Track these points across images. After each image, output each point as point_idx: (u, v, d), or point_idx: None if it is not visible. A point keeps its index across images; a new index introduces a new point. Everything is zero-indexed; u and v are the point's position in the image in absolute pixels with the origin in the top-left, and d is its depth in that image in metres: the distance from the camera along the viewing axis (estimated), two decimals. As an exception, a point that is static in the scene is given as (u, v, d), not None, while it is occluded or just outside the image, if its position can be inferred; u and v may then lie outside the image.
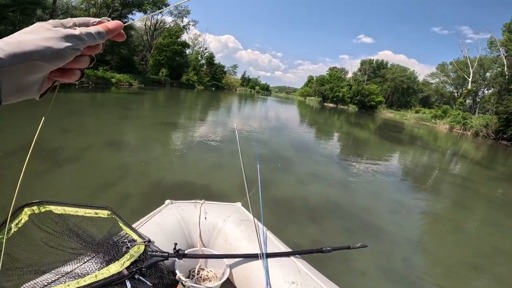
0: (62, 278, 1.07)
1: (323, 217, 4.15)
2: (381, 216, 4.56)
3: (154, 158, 5.63)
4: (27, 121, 7.51)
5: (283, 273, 1.40)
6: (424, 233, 4.42)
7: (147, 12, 33.36)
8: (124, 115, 10.76)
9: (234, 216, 1.76)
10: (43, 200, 1.15)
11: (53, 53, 0.31)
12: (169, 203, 1.78)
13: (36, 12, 21.51)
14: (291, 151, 8.48)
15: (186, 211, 1.73)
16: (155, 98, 20.99)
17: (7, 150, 4.80)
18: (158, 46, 39.58)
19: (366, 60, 65.98)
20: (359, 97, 56.27)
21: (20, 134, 5.99)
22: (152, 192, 3.99)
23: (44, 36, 0.32)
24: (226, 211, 1.81)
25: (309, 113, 30.92)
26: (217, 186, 4.57)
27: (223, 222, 1.72)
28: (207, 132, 9.33)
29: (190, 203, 1.82)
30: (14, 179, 3.82)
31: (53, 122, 7.72)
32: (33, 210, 1.11)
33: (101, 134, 7.06)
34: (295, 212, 4.07)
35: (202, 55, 58.60)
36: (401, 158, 11.05)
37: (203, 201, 1.85)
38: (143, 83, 32.00)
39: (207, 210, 1.77)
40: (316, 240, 3.41)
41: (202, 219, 1.70)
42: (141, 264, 1.18)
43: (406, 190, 6.48)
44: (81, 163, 4.77)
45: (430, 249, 3.81)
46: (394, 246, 3.66)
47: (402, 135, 21.72)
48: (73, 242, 1.18)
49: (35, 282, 1.04)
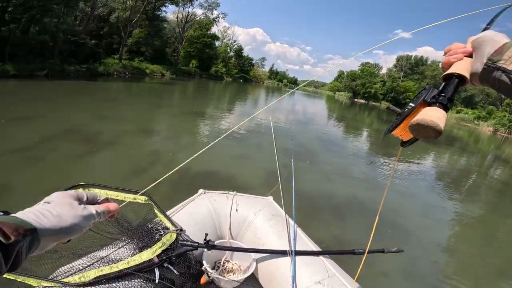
0: (97, 263, 1.10)
1: (349, 215, 4.01)
2: (410, 218, 4.33)
3: (183, 146, 5.79)
4: (68, 108, 8.09)
5: (310, 272, 1.35)
6: (455, 238, 4.15)
7: (179, 5, 34.20)
8: (156, 104, 11.18)
9: (265, 210, 1.73)
10: (88, 182, 1.19)
11: (79, 229, 0.39)
12: (202, 192, 1.79)
13: (79, 4, 22.83)
14: (319, 146, 8.26)
15: (218, 202, 1.72)
16: (185, 89, 21.56)
17: (50, 134, 5.20)
18: (189, 38, 40.47)
19: (403, 56, 61.93)
20: (393, 94, 53.25)
21: (61, 120, 6.47)
22: (179, 179, 4.10)
23: (75, 213, 0.39)
24: (257, 204, 1.78)
25: (338, 109, 29.92)
26: (244, 177, 4.58)
27: (254, 216, 1.69)
28: (235, 123, 9.40)
29: (223, 194, 1.81)
30: (54, 161, 4.14)
31: (93, 109, 8.24)
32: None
33: (135, 121, 7.39)
34: (320, 209, 3.96)
35: (231, 48, 58.93)
36: (436, 159, 10.33)
37: (235, 192, 1.83)
38: (175, 74, 33.03)
39: (238, 202, 1.75)
40: (340, 238, 3.30)
41: (233, 211, 1.69)
42: (171, 253, 1.19)
43: (439, 193, 6.06)
44: (116, 148, 5.04)
45: (460, 254, 3.59)
46: (422, 249, 3.48)
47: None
48: (111, 227, 1.22)
49: (71, 266, 1.07)
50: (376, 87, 54.89)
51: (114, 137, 5.58)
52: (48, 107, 7.74)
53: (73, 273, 1.05)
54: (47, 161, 4.07)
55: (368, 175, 6.18)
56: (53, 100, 9.18)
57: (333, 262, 1.47)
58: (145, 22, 31.71)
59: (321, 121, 15.44)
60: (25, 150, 4.30)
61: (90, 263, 1.11)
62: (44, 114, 6.74)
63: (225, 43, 57.77)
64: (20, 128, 5.41)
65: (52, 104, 8.40)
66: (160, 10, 33.28)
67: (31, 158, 4.06)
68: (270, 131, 8.55)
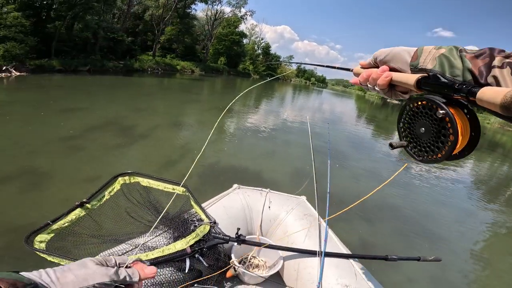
0: (135, 250, 1.16)
1: (378, 219, 3.86)
2: (446, 225, 4.07)
3: (212, 140, 5.92)
4: (107, 102, 8.63)
5: (337, 274, 1.33)
6: (489, 247, 3.86)
7: (208, 2, 34.94)
8: (187, 99, 11.54)
9: (297, 209, 1.72)
10: (133, 171, 1.27)
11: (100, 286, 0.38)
12: (237, 187, 1.82)
13: (117, 2, 24.17)
14: (347, 145, 8.02)
15: (251, 198, 1.75)
16: (213, 85, 21.99)
17: (91, 125, 5.59)
18: (217, 35, 41.14)
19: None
20: (430, 94, 50.26)
21: (101, 112, 6.91)
22: (208, 173, 4.21)
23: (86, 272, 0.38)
24: (290, 203, 1.77)
25: (368, 109, 28.73)
26: (271, 174, 4.59)
27: (286, 214, 1.69)
28: (261, 120, 9.42)
29: (256, 190, 1.83)
30: (94, 151, 4.45)
31: (129, 102, 8.72)
32: (125, 180, 1.23)
33: (167, 115, 7.70)
34: (350, 210, 3.85)
35: (259, 45, 58.91)
36: (475, 165, 9.55)
37: (268, 190, 1.84)
38: (204, 71, 33.80)
39: (271, 199, 1.76)
40: (369, 242, 3.19)
41: (266, 208, 1.71)
42: (203, 244, 1.22)
43: (477, 201, 5.61)
44: (150, 140, 5.29)
45: (493, 264, 3.36)
46: (456, 258, 3.30)
47: (481, 140, 18.68)
48: (150, 215, 1.29)
49: (111, 251, 1.14)
50: (411, 86, 51.96)
51: (148, 130, 5.86)
52: (90, 100, 8.32)
53: None
54: (87, 151, 4.39)
55: (401, 179, 5.88)
56: (94, 93, 9.85)
57: (363, 267, 1.43)
58: (176, 19, 32.79)
59: (350, 121, 14.95)
60: (68, 140, 4.67)
61: (129, 249, 1.17)
62: (86, 106, 7.27)
63: (252, 41, 57.91)
64: (65, 119, 5.89)
65: (93, 97, 9.02)
66: (190, 8, 34.28)
67: (73, 148, 4.41)
68: (294, 130, 8.45)
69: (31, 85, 10.46)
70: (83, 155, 4.21)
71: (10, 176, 3.36)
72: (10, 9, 14.68)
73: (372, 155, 7.68)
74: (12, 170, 3.48)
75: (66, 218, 1.07)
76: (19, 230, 2.50)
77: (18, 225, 2.54)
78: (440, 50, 0.44)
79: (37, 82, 11.40)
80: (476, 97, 0.33)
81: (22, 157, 3.88)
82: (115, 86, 13.20)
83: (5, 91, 9.40)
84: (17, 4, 15.88)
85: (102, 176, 3.62)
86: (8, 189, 3.09)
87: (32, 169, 3.57)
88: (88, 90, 10.49)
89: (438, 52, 0.44)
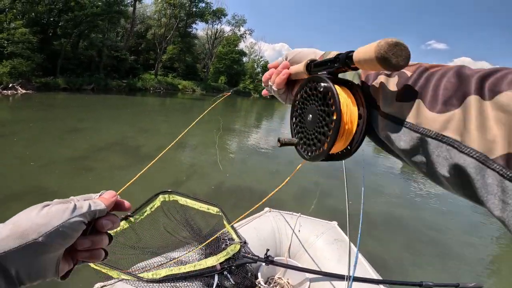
0: (169, 263, 1.24)
1: (412, 240, 3.82)
2: (482, 246, 4.08)
3: (215, 161, 5.97)
4: (112, 121, 8.74)
5: (365, 300, 1.34)
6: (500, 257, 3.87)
7: (208, 22, 36.36)
8: (189, 119, 11.69)
9: (328, 234, 1.76)
10: (173, 190, 1.37)
11: (54, 231, 0.29)
12: (268, 210, 1.89)
13: (121, 21, 25.05)
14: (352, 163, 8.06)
15: (282, 221, 1.80)
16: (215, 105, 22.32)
17: (97, 146, 5.65)
18: (218, 54, 42.32)
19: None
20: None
21: (106, 132, 7.01)
22: (214, 192, 4.22)
23: (40, 213, 0.31)
24: (320, 227, 1.82)
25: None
26: (278, 194, 4.57)
27: (315, 238, 1.73)
28: (263, 140, 9.53)
29: (287, 214, 1.89)
30: (102, 171, 4.47)
31: (133, 122, 8.84)
32: (165, 198, 1.33)
33: (171, 135, 7.79)
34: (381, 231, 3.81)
35: (258, 63, 60.39)
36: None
37: (299, 214, 1.90)
38: (205, 90, 34.44)
39: (302, 223, 1.81)
40: (400, 265, 3.13)
41: (296, 231, 1.75)
42: (232, 262, 1.28)
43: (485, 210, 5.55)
44: (156, 161, 5.32)
45: (504, 273, 3.39)
46: (497, 280, 3.27)
47: None
48: (185, 231, 1.36)
49: (148, 263, 1.21)
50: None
51: (153, 150, 5.92)
52: (95, 120, 8.44)
53: (148, 269, 1.19)
54: (96, 171, 4.42)
55: (400, 190, 5.85)
56: (99, 113, 10.00)
57: (393, 293, 1.43)
58: (177, 38, 33.84)
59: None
60: (76, 160, 4.71)
61: (164, 261, 1.25)
62: (92, 126, 7.37)
63: (252, 59, 59.31)
64: (72, 139, 5.96)
65: (98, 117, 9.15)
66: (191, 27, 35.56)
67: (81, 168, 4.44)
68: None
69: (37, 104, 10.62)
70: (91, 175, 4.24)
71: (20, 194, 3.38)
72: (18, 25, 14.91)
73: (371, 170, 7.70)
74: (22, 189, 3.50)
75: None
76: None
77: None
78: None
79: (43, 100, 11.59)
80: (353, 59, 0.30)
81: (30, 177, 3.91)
82: (119, 105, 13.40)
83: (12, 109, 9.54)
84: (25, 20, 16.27)
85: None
86: (18, 207, 3.02)
87: (41, 188, 3.59)
88: (93, 110, 10.65)
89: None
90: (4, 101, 10.83)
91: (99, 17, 18.57)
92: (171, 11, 30.57)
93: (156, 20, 32.82)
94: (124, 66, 23.90)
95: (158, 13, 31.70)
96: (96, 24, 19.31)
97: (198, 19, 34.47)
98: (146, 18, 34.00)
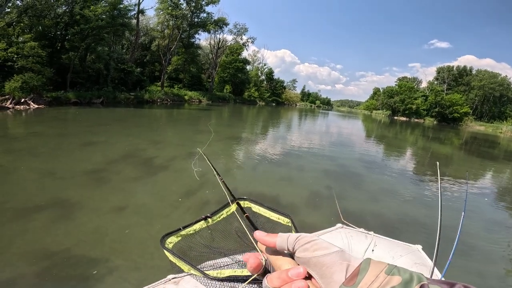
0: (234, 264, 1.27)
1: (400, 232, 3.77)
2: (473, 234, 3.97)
3: (227, 170, 5.99)
4: (123, 134, 8.88)
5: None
6: None
7: (210, 32, 36.98)
8: (198, 130, 11.81)
9: (407, 257, 1.62)
10: (248, 197, 1.41)
11: None
12: (340, 226, 1.83)
13: (125, 33, 25.63)
14: (360, 166, 7.97)
15: (354, 239, 1.72)
16: (221, 114, 22.48)
17: (112, 158, 5.75)
18: (222, 64, 42.86)
19: (444, 67, 58.12)
20: (438, 109, 49.28)
21: (119, 145, 7.12)
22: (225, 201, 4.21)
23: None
24: (399, 249, 1.69)
25: (377, 128, 28.72)
26: (289, 199, 4.54)
27: (391, 260, 1.60)
28: (273, 148, 9.52)
29: (361, 232, 1.81)
30: (119, 182, 4.53)
31: (144, 134, 8.96)
32: (241, 204, 1.37)
33: (182, 146, 7.86)
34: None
35: (262, 71, 60.73)
36: (495, 176, 9.30)
37: (372, 233, 1.83)
38: (210, 100, 34.82)
39: (377, 243, 1.72)
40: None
41: (369, 251, 1.66)
42: None
43: (502, 211, 5.43)
44: (169, 172, 5.37)
45: None
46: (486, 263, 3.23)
47: (496, 150, 18.30)
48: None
49: (216, 262, 1.26)
50: (418, 102, 51.53)
51: (166, 161, 5.97)
52: (108, 133, 8.60)
53: (215, 267, 1.24)
54: (113, 183, 4.48)
55: (414, 192, 5.73)
56: (110, 126, 10.19)
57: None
58: (181, 49, 34.41)
59: (360, 141, 14.94)
60: (93, 172, 4.79)
61: (230, 263, 1.28)
62: (105, 139, 7.50)
63: (255, 67, 59.77)
64: (87, 152, 6.07)
65: (110, 130, 9.33)
66: (194, 38, 36.12)
67: (98, 180, 4.51)
68: (317, 157, 8.39)
69: (50, 118, 10.89)
70: (109, 187, 4.30)
71: (41, 206, 3.44)
72: (27, 39, 15.11)
73: (381, 172, 7.56)
74: (43, 201, 3.57)
75: (193, 226, 1.26)
76: (54, 256, 2.55)
77: (52, 252, 2.60)
78: (393, 279, 0.32)
79: (55, 115, 11.89)
80: None
81: (51, 189, 3.99)
82: (129, 118, 13.63)
83: (27, 124, 9.79)
84: (33, 33, 16.53)
85: (128, 206, 3.69)
86: (41, 218, 3.16)
87: (62, 201, 3.65)
88: (104, 123, 10.85)
89: (388, 283, 0.31)
90: (18, 117, 11.14)
91: (104, 29, 19.02)
92: (174, 22, 31.22)
93: (159, 32, 33.56)
94: (131, 78, 24.43)
95: (161, 24, 32.44)
96: (102, 37, 19.81)
97: (200, 29, 35.13)
98: (149, 30, 34.84)
